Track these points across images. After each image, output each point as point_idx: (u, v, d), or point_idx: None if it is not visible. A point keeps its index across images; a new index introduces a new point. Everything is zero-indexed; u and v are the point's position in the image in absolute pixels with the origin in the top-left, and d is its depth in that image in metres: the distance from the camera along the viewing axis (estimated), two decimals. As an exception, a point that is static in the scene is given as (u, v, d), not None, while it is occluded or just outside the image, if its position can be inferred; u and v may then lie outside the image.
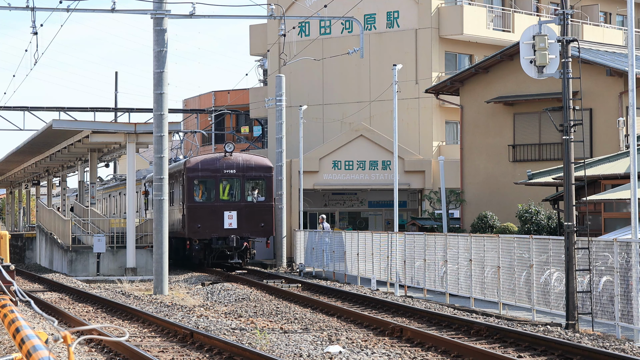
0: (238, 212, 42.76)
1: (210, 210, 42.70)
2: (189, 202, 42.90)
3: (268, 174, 43.76)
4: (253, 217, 42.80)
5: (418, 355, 17.74)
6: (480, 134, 45.27)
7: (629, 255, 20.49)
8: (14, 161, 61.84)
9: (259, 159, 44.28)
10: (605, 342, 18.96)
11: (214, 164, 43.34)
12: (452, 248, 28.34)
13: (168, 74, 33.24)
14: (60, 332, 7.78)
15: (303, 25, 59.02)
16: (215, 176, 43.12)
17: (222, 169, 43.19)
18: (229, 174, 43.15)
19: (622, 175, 31.53)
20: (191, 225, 42.57)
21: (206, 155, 44.73)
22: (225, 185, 43.24)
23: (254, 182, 43.61)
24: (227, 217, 42.58)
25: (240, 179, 43.23)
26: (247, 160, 43.70)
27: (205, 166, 43.25)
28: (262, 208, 43.14)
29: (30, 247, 59.68)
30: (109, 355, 17.99)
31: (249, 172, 43.39)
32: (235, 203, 43.03)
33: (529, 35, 22.39)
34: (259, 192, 43.48)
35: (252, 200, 43.20)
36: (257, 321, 23.12)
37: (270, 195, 43.67)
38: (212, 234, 42.44)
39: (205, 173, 43.15)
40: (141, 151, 64.09)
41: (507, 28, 57.78)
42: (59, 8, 32.44)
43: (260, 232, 43.08)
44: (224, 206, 42.81)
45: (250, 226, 42.71)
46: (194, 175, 43.08)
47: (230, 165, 43.24)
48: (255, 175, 43.51)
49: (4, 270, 12.53)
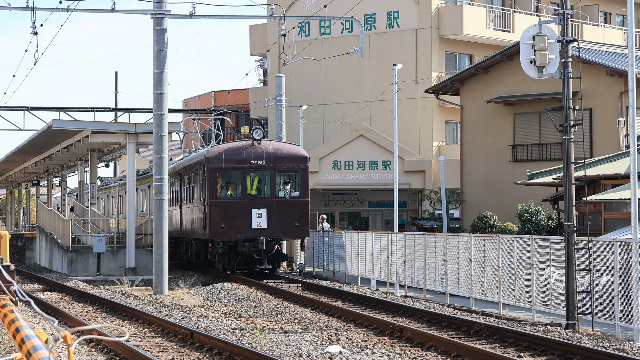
0: (268, 210, 37.30)
1: (236, 208, 37.31)
2: (211, 198, 37.28)
3: (303, 165, 37.91)
4: (285, 215, 37.39)
5: (418, 355, 17.74)
6: (480, 134, 45.28)
7: (629, 255, 20.49)
8: (14, 161, 61.83)
9: (292, 147, 38.61)
10: (605, 342, 18.96)
11: (240, 153, 37.51)
12: (452, 248, 28.34)
13: (168, 74, 33.24)
14: (60, 332, 7.78)
15: (303, 25, 59.02)
16: (242, 168, 37.41)
17: (249, 159, 37.43)
18: (258, 165, 37.45)
19: (622, 175, 31.53)
20: (213, 225, 37.13)
21: (230, 144, 38.51)
22: (253, 178, 37.61)
23: (286, 175, 38.02)
24: (255, 216, 37.16)
25: (270, 171, 37.60)
26: (278, 149, 37.87)
27: (229, 156, 37.51)
28: (296, 205, 37.59)
29: (30, 247, 59.68)
30: (109, 355, 17.99)
31: (280, 162, 37.66)
32: (265, 199, 37.49)
33: (529, 35, 22.40)
34: (293, 186, 37.95)
35: (285, 195, 37.60)
36: (257, 321, 23.12)
37: (305, 190, 37.88)
38: (238, 235, 36.95)
39: (229, 164, 37.48)
40: (141, 151, 64.08)
41: (507, 28, 57.78)
42: (59, 8, 32.44)
43: (293, 232, 37.59)
44: (251, 203, 37.27)
45: (282, 226, 37.27)
46: (216, 167, 37.38)
47: (259, 155, 37.51)
48: (289, 167, 37.76)
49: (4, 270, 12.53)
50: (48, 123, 43.59)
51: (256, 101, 63.35)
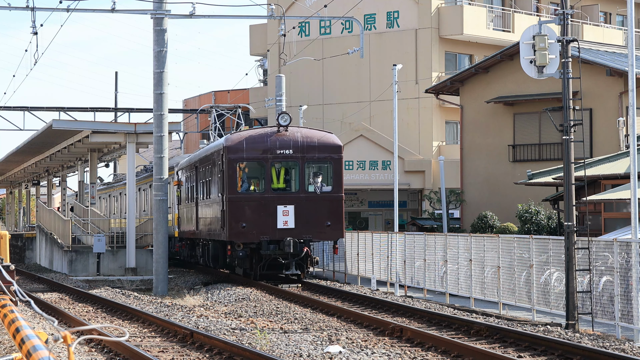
0: (296, 207, 32.88)
1: (259, 205, 32.82)
2: (230, 193, 32.84)
3: (336, 155, 33.41)
4: (316, 213, 32.87)
5: (418, 355, 17.74)
6: (480, 134, 45.28)
7: (629, 255, 20.49)
8: (14, 161, 61.85)
9: (323, 135, 33.94)
10: (605, 342, 18.96)
11: (264, 142, 33.05)
12: (452, 248, 28.35)
13: (168, 74, 33.27)
14: (60, 332, 7.78)
15: (303, 25, 59.03)
16: (266, 158, 32.92)
17: (274, 148, 32.93)
18: (284, 156, 32.98)
19: (622, 175, 31.53)
20: (233, 224, 32.68)
21: (252, 131, 33.91)
22: (278, 170, 33.20)
23: (317, 166, 33.61)
24: (281, 214, 32.73)
25: (299, 162, 33.07)
26: (308, 137, 33.32)
27: (251, 145, 32.99)
28: (327, 201, 33.08)
29: (30, 247, 59.68)
30: (109, 355, 17.99)
31: (310, 152, 33.12)
32: (293, 194, 33.04)
33: (529, 35, 22.40)
34: (324, 179, 33.49)
35: (315, 190, 33.15)
36: (257, 321, 23.12)
37: (339, 184, 33.40)
38: (261, 236, 32.58)
39: (251, 154, 32.95)
40: (141, 151, 64.07)
41: (507, 28, 57.79)
42: (59, 8, 32.46)
43: (325, 233, 33.10)
44: (277, 199, 32.88)
45: (313, 225, 32.81)
46: (236, 158, 32.88)
47: (286, 144, 33.01)
48: (320, 157, 33.22)
49: (4, 270, 12.53)
50: (48, 123, 43.59)
51: (256, 101, 63.35)
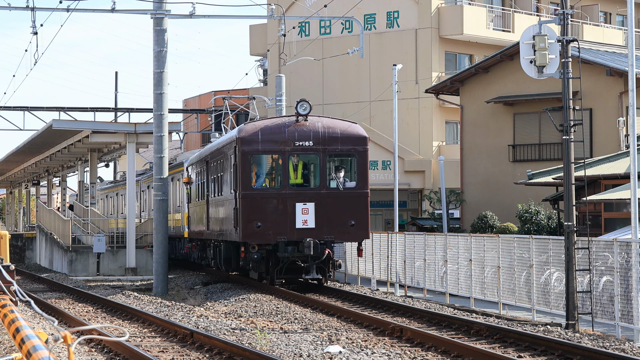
0: (317, 205, 29.97)
1: (276, 202, 30.01)
2: (244, 189, 29.92)
3: (361, 148, 30.40)
4: (339, 211, 30.02)
5: (418, 355, 17.74)
6: (480, 134, 45.28)
7: (629, 255, 20.50)
8: (14, 161, 61.87)
9: (347, 125, 30.93)
10: (605, 342, 18.96)
11: (281, 132, 30.12)
12: (452, 248, 28.35)
13: (168, 74, 33.28)
14: (60, 332, 7.78)
15: (303, 25, 59.04)
16: (283, 150, 30.03)
17: (292, 139, 30.06)
18: (304, 148, 30.09)
19: (622, 175, 31.54)
20: (247, 223, 29.83)
21: (268, 120, 31.11)
22: (297, 163, 30.33)
23: (340, 160, 30.76)
24: (300, 212, 29.88)
25: (319, 155, 30.19)
26: (329, 128, 30.37)
27: (267, 136, 30.12)
28: (352, 198, 30.20)
29: (30, 247, 59.69)
30: (109, 355, 17.99)
31: (332, 144, 30.22)
32: (313, 191, 30.19)
33: (529, 35, 22.40)
34: (348, 174, 30.62)
35: (338, 186, 30.27)
36: (257, 321, 23.12)
37: (363, 180, 30.38)
38: (278, 236, 29.72)
39: (267, 146, 30.10)
40: (141, 151, 64.05)
41: (507, 28, 57.79)
42: (59, 8, 32.46)
43: (348, 233, 30.27)
44: (295, 195, 30.01)
45: (335, 225, 29.97)
46: (250, 150, 30.02)
47: (306, 135, 30.13)
48: (343, 150, 30.33)
49: (4, 270, 12.53)
50: (48, 123, 43.61)
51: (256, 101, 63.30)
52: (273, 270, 30.44)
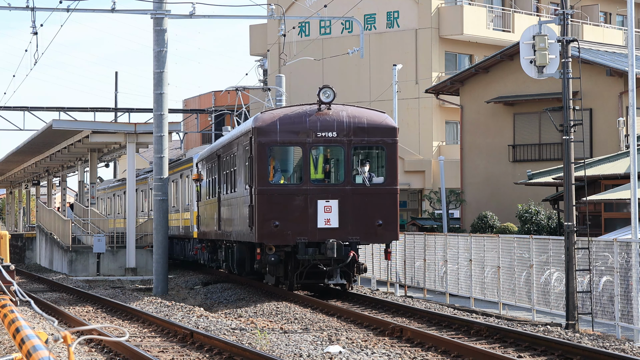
0: (341, 202, 27.28)
1: (295, 199, 27.36)
2: (261, 185, 27.28)
3: (390, 139, 27.64)
4: (365, 209, 27.41)
5: (418, 355, 17.74)
6: (480, 134, 45.29)
7: (629, 255, 20.50)
8: (14, 161, 61.88)
9: (374, 114, 28.19)
10: (605, 342, 18.97)
11: (302, 122, 27.45)
12: (452, 248, 28.35)
13: (168, 74, 33.28)
14: (60, 332, 7.78)
15: (303, 25, 59.05)
16: (304, 142, 27.34)
17: (314, 130, 27.38)
18: (327, 139, 27.43)
19: (622, 175, 31.55)
20: (263, 222, 27.18)
21: (288, 109, 28.29)
22: (318, 156, 27.70)
23: (366, 152, 28.09)
24: (322, 210, 27.22)
25: (344, 147, 27.48)
26: (355, 117, 27.65)
27: (286, 126, 27.42)
28: (379, 195, 27.50)
29: (30, 247, 59.71)
30: (109, 355, 17.99)
31: (358, 135, 27.53)
32: (337, 187, 27.48)
33: (529, 35, 22.41)
34: (375, 168, 28.12)
35: (364, 181, 27.52)
36: (257, 321, 23.12)
37: (393, 174, 27.73)
38: (298, 237, 27.08)
39: (286, 137, 27.40)
40: (141, 151, 64.06)
41: (507, 28, 57.80)
42: (59, 8, 32.47)
43: (375, 234, 27.53)
44: (317, 192, 27.37)
45: (361, 224, 27.29)
46: (268, 141, 27.30)
47: (329, 125, 27.43)
48: (370, 141, 27.66)
49: (4, 270, 12.53)
50: (48, 123, 43.63)
51: (256, 101, 63.33)
52: (292, 274, 27.83)
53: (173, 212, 44.65)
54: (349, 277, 27.97)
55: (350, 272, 27.84)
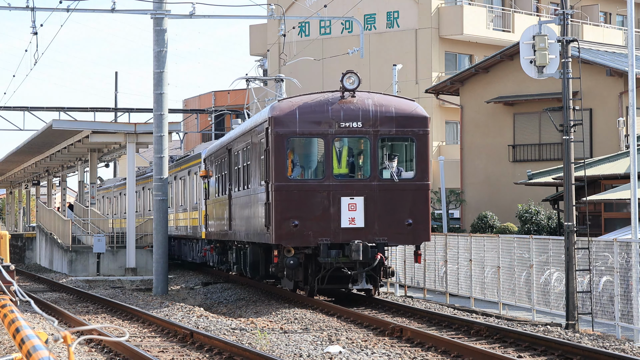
0: (367, 199, 25.02)
1: (316, 196, 25.05)
2: (278, 180, 25.00)
3: (421, 130, 25.34)
4: (393, 207, 25.14)
5: (418, 355, 17.74)
6: (480, 134, 45.29)
7: (629, 255, 20.50)
8: (14, 161, 61.88)
9: (403, 102, 25.96)
10: (605, 342, 18.97)
11: (324, 111, 25.17)
12: (452, 248, 28.35)
13: (168, 74, 33.27)
14: (60, 332, 7.78)
15: (303, 25, 59.05)
16: (326, 133, 25.06)
17: (337, 119, 25.07)
18: (351, 130, 25.12)
19: (622, 175, 31.55)
20: (281, 222, 24.97)
21: (308, 97, 25.91)
22: (341, 149, 25.48)
23: (395, 145, 25.84)
24: (346, 208, 24.96)
25: (370, 139, 25.17)
26: (382, 106, 25.39)
27: (307, 115, 25.16)
28: (409, 191, 25.24)
29: (30, 247, 59.72)
30: (109, 355, 17.99)
31: (386, 125, 25.24)
32: (362, 182, 25.20)
33: (529, 35, 22.41)
34: (404, 162, 25.82)
35: (392, 176, 25.24)
36: (257, 321, 23.12)
37: (424, 169, 25.44)
38: (320, 238, 24.86)
39: (307, 127, 25.13)
40: (141, 151, 64.05)
41: (507, 28, 57.81)
42: (59, 8, 32.47)
43: (405, 234, 25.23)
44: (341, 188, 25.06)
45: (389, 224, 25.04)
46: (286, 132, 25.04)
47: (353, 114, 25.15)
48: (399, 132, 25.33)
49: (4, 270, 12.53)
50: (48, 123, 43.62)
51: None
52: (313, 279, 25.54)
53: (181, 211, 43.50)
54: (375, 281, 25.92)
55: (377, 276, 25.67)
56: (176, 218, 44.14)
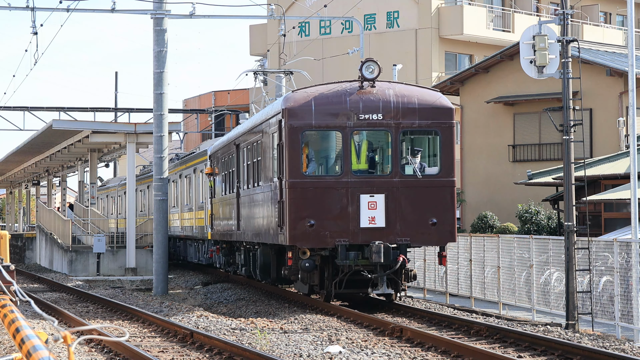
0: (388, 197, 23.49)
1: (334, 193, 23.47)
2: (293, 176, 23.49)
3: (446, 123, 23.88)
4: (416, 205, 23.62)
5: (418, 355, 17.74)
6: (480, 134, 45.29)
7: (629, 255, 20.51)
8: (14, 161, 61.88)
9: (426, 93, 24.38)
10: (605, 342, 18.97)
11: (341, 102, 23.58)
12: (452, 248, 28.35)
13: (168, 74, 33.27)
14: (60, 332, 7.78)
15: (303, 25, 59.06)
16: (344, 126, 23.47)
17: (356, 111, 23.50)
18: (371, 122, 23.56)
19: (622, 175, 31.55)
20: (296, 221, 23.43)
21: (324, 87, 24.20)
22: (361, 143, 23.92)
23: (418, 138, 24.32)
24: (366, 206, 23.39)
25: (391, 132, 23.62)
26: (404, 97, 23.83)
27: (323, 106, 23.56)
28: (433, 189, 23.75)
29: (30, 247, 59.72)
30: (109, 355, 18.00)
31: (408, 117, 23.69)
32: (383, 179, 23.67)
33: (529, 35, 22.41)
34: (428, 157, 24.41)
35: (415, 172, 23.74)
36: (257, 321, 23.11)
37: (449, 165, 23.96)
38: (337, 238, 23.38)
39: (323, 120, 23.53)
40: (141, 151, 64.05)
41: (507, 28, 57.81)
42: (59, 8, 32.47)
43: (429, 235, 23.80)
44: (360, 184, 23.52)
45: (411, 223, 23.54)
46: (301, 125, 23.48)
47: (373, 105, 23.59)
48: (422, 125, 23.75)
49: (4, 270, 12.53)
50: (48, 123, 43.63)
51: (256, 101, 63.37)
52: (330, 282, 24.02)
53: (186, 210, 42.29)
54: (397, 285, 24.11)
55: (398, 280, 24.00)
56: (181, 218, 43.78)
